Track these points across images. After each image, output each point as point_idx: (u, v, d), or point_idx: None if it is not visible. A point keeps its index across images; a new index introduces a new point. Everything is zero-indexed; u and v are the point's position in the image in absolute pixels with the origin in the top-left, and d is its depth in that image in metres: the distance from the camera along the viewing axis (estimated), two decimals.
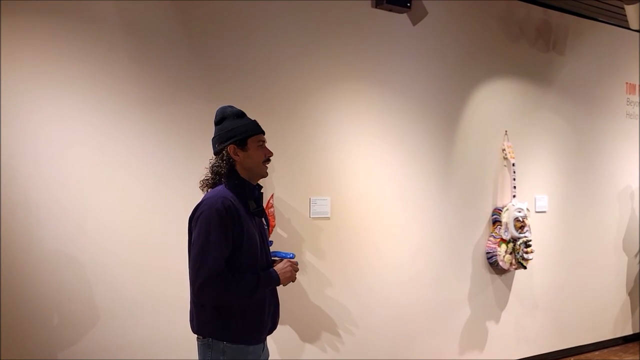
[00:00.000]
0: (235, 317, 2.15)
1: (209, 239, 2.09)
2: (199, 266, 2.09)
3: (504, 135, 4.52)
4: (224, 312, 2.15)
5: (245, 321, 2.17)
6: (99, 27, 2.90)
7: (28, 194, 2.72)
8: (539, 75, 4.73)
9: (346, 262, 3.71)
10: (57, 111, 2.80)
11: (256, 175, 2.29)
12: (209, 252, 2.08)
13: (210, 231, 2.09)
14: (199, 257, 2.09)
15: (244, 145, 2.23)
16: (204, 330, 2.19)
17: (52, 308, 2.78)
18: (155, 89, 3.06)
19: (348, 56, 3.71)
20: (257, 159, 2.25)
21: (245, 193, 2.24)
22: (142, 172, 3.02)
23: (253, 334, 2.20)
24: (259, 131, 2.28)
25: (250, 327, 2.18)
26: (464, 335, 4.32)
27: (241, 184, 2.24)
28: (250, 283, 2.13)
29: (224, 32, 3.26)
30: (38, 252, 2.74)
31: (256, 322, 2.20)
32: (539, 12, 4.71)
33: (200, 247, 2.10)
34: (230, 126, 2.25)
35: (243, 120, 2.28)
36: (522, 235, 4.35)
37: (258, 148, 2.26)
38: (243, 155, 2.24)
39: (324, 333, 3.62)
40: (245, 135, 2.23)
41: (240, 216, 2.16)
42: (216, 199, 2.15)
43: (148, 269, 3.02)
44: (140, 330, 3.00)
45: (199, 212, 2.16)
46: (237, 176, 2.24)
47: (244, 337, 2.17)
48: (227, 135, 2.24)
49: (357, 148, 3.76)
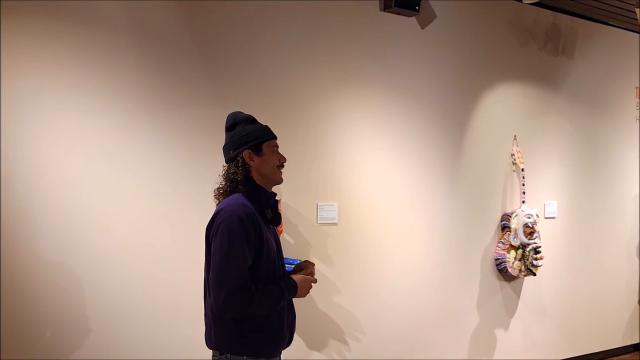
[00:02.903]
0: (255, 331, 2.08)
1: (232, 249, 2.01)
2: (222, 278, 2.00)
3: (513, 140, 4.46)
4: (243, 326, 2.08)
5: (265, 335, 2.11)
6: (106, 30, 2.87)
7: (30, 200, 2.68)
8: (548, 80, 4.68)
9: (353, 268, 3.66)
10: (60, 116, 2.76)
11: (271, 182, 2.23)
12: (232, 262, 2.01)
13: (233, 241, 2.01)
14: (222, 269, 2.01)
15: (259, 151, 2.18)
16: (222, 345, 2.11)
17: (55, 316, 2.74)
18: (162, 93, 3.03)
19: (356, 60, 3.66)
20: (272, 164, 2.20)
21: (262, 200, 2.18)
22: (148, 178, 2.98)
23: (272, 347, 2.14)
24: (272, 136, 2.23)
25: (269, 341, 2.13)
26: (473, 343, 4.26)
27: (257, 192, 2.18)
28: (274, 293, 2.07)
29: (230, 36, 3.23)
30: (40, 260, 2.70)
31: (276, 335, 2.15)
32: (548, 15, 4.67)
33: (222, 258, 2.02)
34: (245, 131, 2.20)
35: (255, 126, 2.22)
36: (532, 242, 4.29)
37: (272, 153, 2.21)
38: (259, 160, 2.18)
39: (331, 340, 3.57)
40: (260, 140, 2.18)
41: (260, 224, 2.10)
42: (236, 206, 2.07)
43: (153, 277, 2.98)
44: (145, 339, 2.95)
45: (219, 221, 2.07)
46: (253, 183, 2.18)
47: (263, 351, 2.11)
48: (242, 140, 2.18)
49: (365, 153, 3.72)
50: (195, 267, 3.04)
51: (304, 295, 2.21)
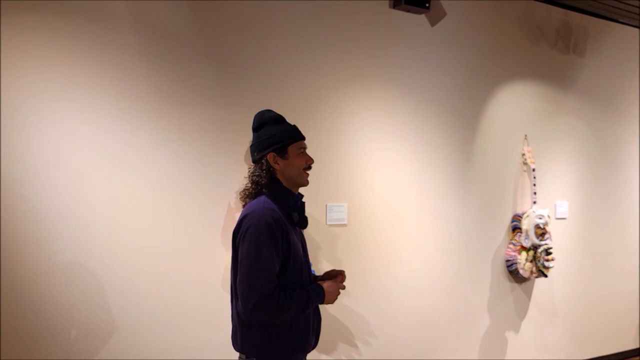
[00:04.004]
0: (281, 336, 2.04)
1: (261, 254, 1.97)
2: (251, 284, 1.96)
3: (524, 140, 4.40)
4: (271, 331, 2.04)
5: (292, 340, 2.07)
6: (112, 29, 2.81)
7: (39, 201, 2.63)
8: (559, 78, 4.61)
9: (363, 269, 3.60)
10: (67, 116, 2.71)
11: (297, 184, 2.17)
12: (261, 269, 1.96)
13: (262, 246, 1.97)
14: (251, 275, 1.97)
15: (285, 153, 2.12)
16: (248, 349, 2.08)
17: (67, 320, 2.69)
18: (169, 92, 2.97)
19: (365, 59, 3.60)
20: (298, 166, 2.14)
21: (288, 203, 2.13)
22: (155, 178, 2.92)
23: (299, 352, 2.10)
24: (299, 137, 2.17)
25: (296, 346, 2.09)
26: (483, 344, 4.20)
27: (284, 194, 2.12)
28: (302, 300, 2.03)
29: (239, 35, 3.17)
30: (50, 262, 2.66)
31: (302, 340, 2.10)
32: (559, 13, 4.60)
33: (251, 264, 1.97)
34: (270, 133, 2.14)
35: (283, 126, 2.16)
36: (543, 243, 4.22)
37: (299, 155, 2.15)
38: (283, 163, 2.12)
39: (340, 343, 3.51)
40: (286, 142, 2.12)
41: (287, 229, 2.05)
42: (264, 211, 2.02)
43: (160, 276, 2.93)
44: (157, 341, 2.91)
45: (246, 226, 2.02)
46: (279, 185, 2.13)
47: (290, 356, 2.07)
48: (267, 142, 2.13)
49: (374, 153, 3.66)
50: (204, 267, 3.02)
51: (332, 302, 2.16)
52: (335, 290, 2.15)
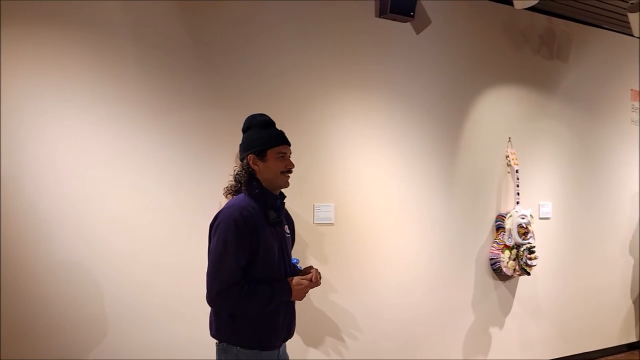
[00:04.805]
0: (248, 323, 2.19)
1: (226, 248, 2.13)
2: (214, 276, 2.14)
3: (508, 142, 4.55)
4: (238, 318, 2.19)
5: (258, 327, 2.21)
6: (109, 35, 2.98)
7: (43, 202, 2.79)
8: (543, 83, 4.76)
9: (350, 267, 3.75)
10: (69, 121, 2.87)
11: (275, 186, 2.31)
12: (225, 262, 2.13)
13: (228, 241, 2.13)
14: (214, 267, 2.15)
15: (264, 156, 2.27)
16: (219, 334, 2.25)
17: (65, 315, 2.84)
18: (165, 95, 3.13)
19: (352, 64, 3.76)
20: (275, 170, 2.27)
21: (266, 202, 2.27)
22: (152, 179, 3.08)
23: (266, 340, 2.23)
24: (280, 142, 2.29)
25: (263, 334, 2.22)
26: (468, 341, 4.34)
27: (262, 193, 2.26)
28: (264, 295, 2.17)
29: (229, 39, 3.32)
30: (52, 259, 2.81)
31: (269, 329, 2.24)
32: (543, 20, 4.75)
33: (216, 257, 2.15)
34: (253, 136, 2.30)
35: (267, 131, 2.30)
36: (526, 242, 4.37)
37: (277, 159, 2.28)
38: (262, 165, 2.27)
39: (328, 337, 3.66)
40: (266, 146, 2.27)
41: (257, 226, 2.19)
42: (235, 208, 2.19)
43: (158, 273, 3.08)
44: (156, 334, 3.06)
45: (218, 221, 2.19)
46: (258, 185, 2.27)
47: (256, 342, 2.21)
48: (249, 145, 2.30)
49: (361, 155, 3.81)
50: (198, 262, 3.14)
51: (300, 299, 2.31)
52: (302, 287, 2.28)
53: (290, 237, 2.49)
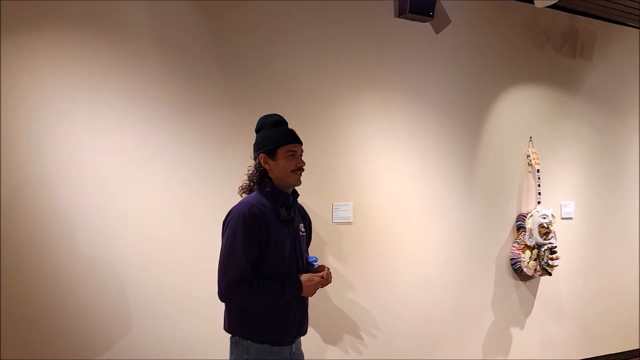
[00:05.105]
0: (258, 318, 2.24)
1: (235, 244, 2.20)
2: (224, 270, 2.20)
3: (529, 142, 4.52)
4: (248, 312, 2.25)
5: (268, 322, 2.25)
6: (130, 35, 3.05)
7: (69, 201, 2.88)
8: (565, 82, 4.72)
9: (368, 266, 3.77)
10: (94, 124, 2.95)
11: (287, 184, 2.36)
12: (234, 257, 2.19)
13: (236, 237, 2.20)
14: (224, 262, 2.21)
15: (274, 155, 2.32)
16: (231, 328, 2.31)
17: (87, 311, 2.92)
18: (186, 96, 3.19)
19: (371, 65, 3.78)
20: (286, 168, 2.32)
21: (278, 200, 2.32)
22: (172, 178, 3.15)
23: (276, 335, 2.27)
24: (289, 141, 2.34)
25: (273, 329, 2.26)
26: (488, 341, 4.33)
27: (273, 191, 2.32)
28: (274, 290, 2.22)
29: (249, 40, 3.37)
30: (76, 254, 2.89)
31: (279, 324, 2.27)
32: (565, 18, 4.70)
33: (226, 253, 2.22)
34: (264, 136, 2.36)
35: (277, 130, 2.35)
36: (547, 242, 4.34)
37: (287, 158, 2.32)
38: (272, 164, 2.32)
39: (347, 335, 3.69)
40: (275, 145, 2.32)
41: (268, 223, 2.24)
42: (244, 205, 2.26)
43: (178, 269, 3.14)
44: (176, 331, 3.13)
45: (229, 219, 2.27)
46: (270, 183, 2.32)
47: (266, 337, 2.25)
48: (260, 144, 2.36)
49: (380, 155, 3.83)
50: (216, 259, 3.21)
51: (311, 294, 2.35)
52: (313, 283, 2.32)
53: (306, 235, 2.53)
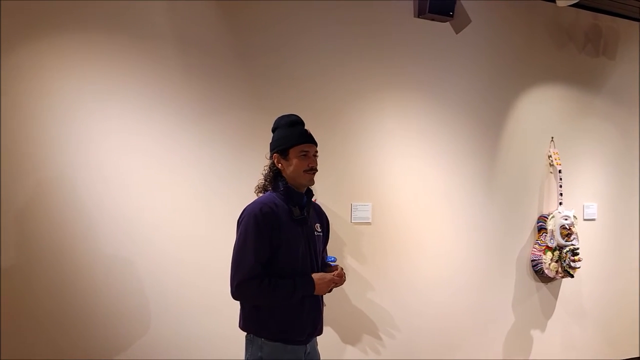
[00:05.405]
0: (272, 316, 2.26)
1: (246, 243, 2.23)
2: (235, 269, 2.23)
3: (550, 142, 4.47)
4: (262, 310, 2.27)
5: (281, 321, 2.26)
6: (156, 43, 3.10)
7: (91, 199, 2.93)
8: (588, 81, 4.66)
9: (387, 266, 3.77)
10: (116, 124, 3.00)
11: (299, 184, 2.37)
12: (245, 256, 2.21)
13: (247, 236, 2.23)
14: (235, 260, 2.24)
15: (286, 155, 2.33)
16: (245, 326, 2.33)
17: (110, 309, 2.97)
18: (207, 95, 3.23)
19: (390, 65, 3.78)
20: (298, 168, 2.32)
21: (292, 200, 2.33)
22: (194, 179, 3.19)
23: (289, 333, 2.28)
24: (301, 142, 2.34)
25: (286, 326, 2.27)
26: (508, 342, 4.30)
27: (287, 191, 2.34)
28: (285, 288, 2.23)
29: (269, 39, 3.39)
30: (98, 253, 2.94)
31: (292, 322, 2.28)
32: (588, 16, 4.64)
33: (237, 251, 2.25)
34: (278, 135, 2.38)
35: (291, 130, 2.36)
36: (569, 243, 4.29)
37: (300, 158, 2.32)
38: (285, 164, 2.34)
39: (365, 335, 3.70)
40: (287, 145, 2.33)
41: (280, 223, 2.26)
42: (256, 204, 2.29)
43: (199, 268, 3.18)
44: (196, 329, 3.16)
45: (241, 218, 2.30)
46: (284, 183, 2.34)
47: (279, 335, 2.26)
48: (274, 144, 2.39)
49: (399, 155, 3.83)
50: None
51: (324, 293, 2.35)
52: (326, 281, 2.33)
53: (322, 235, 2.53)
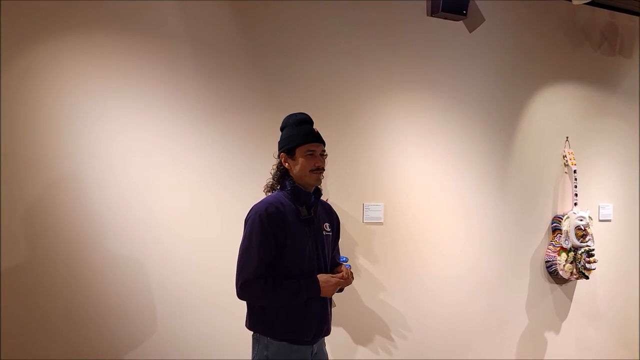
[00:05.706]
0: (277, 316, 2.26)
1: (250, 243, 2.23)
2: (240, 268, 2.24)
3: (565, 142, 4.42)
4: (267, 310, 2.27)
5: (286, 321, 2.26)
6: (168, 42, 3.10)
7: (102, 199, 2.94)
8: (604, 80, 4.60)
9: (399, 267, 3.76)
10: (127, 123, 3.00)
11: (306, 183, 2.35)
12: (249, 256, 2.22)
13: (252, 235, 2.23)
14: (240, 260, 2.25)
15: (293, 154, 2.33)
16: (251, 325, 2.34)
17: (121, 309, 2.97)
18: (220, 95, 3.22)
19: (403, 64, 3.76)
20: (304, 167, 2.31)
21: (299, 199, 2.33)
22: (206, 179, 3.18)
23: (294, 333, 2.27)
24: (307, 141, 2.32)
25: (291, 327, 2.27)
26: (522, 344, 4.26)
27: (294, 191, 2.33)
28: (289, 289, 2.22)
29: (282, 39, 3.38)
30: (109, 253, 2.95)
31: (298, 323, 2.27)
32: (604, 14, 4.58)
33: (242, 251, 2.26)
34: (285, 134, 2.38)
35: (299, 129, 2.35)
36: (584, 244, 4.24)
37: (306, 157, 2.31)
38: (292, 163, 2.34)
39: (377, 336, 3.68)
40: (294, 144, 2.32)
41: (285, 222, 2.25)
42: (262, 204, 2.29)
43: (208, 269, 3.18)
44: (205, 328, 3.16)
45: (248, 217, 2.31)
46: (291, 182, 2.34)
47: (285, 335, 2.26)
48: (281, 144, 2.38)
49: (412, 155, 3.81)
50: None
51: (329, 295, 2.34)
52: (331, 284, 2.30)
53: (333, 235, 2.51)
